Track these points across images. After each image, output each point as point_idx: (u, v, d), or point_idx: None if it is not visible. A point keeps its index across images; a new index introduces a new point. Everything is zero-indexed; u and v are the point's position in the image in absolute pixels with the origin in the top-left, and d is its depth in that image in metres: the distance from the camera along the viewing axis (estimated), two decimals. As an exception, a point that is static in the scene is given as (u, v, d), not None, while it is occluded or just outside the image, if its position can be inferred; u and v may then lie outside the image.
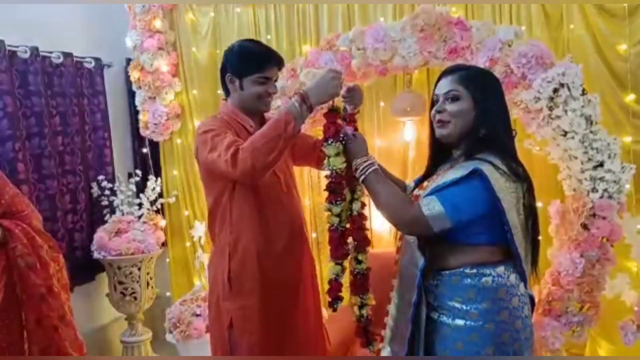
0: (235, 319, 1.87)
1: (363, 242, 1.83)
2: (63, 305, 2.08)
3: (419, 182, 1.83)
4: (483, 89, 1.64)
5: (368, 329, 1.87)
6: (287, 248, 1.96)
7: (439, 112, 1.66)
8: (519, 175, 1.58)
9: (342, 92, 1.82)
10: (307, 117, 1.82)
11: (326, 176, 1.79)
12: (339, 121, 1.80)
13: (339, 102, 1.84)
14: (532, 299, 1.67)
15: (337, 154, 1.75)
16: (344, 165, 1.76)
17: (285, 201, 1.98)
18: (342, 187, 1.78)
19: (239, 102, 1.98)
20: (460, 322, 1.57)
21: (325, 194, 1.80)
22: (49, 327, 2.00)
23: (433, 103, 1.70)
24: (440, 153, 1.76)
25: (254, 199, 1.87)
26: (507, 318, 1.56)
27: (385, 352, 1.77)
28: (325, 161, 1.76)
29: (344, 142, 1.76)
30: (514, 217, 1.56)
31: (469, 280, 1.57)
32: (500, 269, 1.58)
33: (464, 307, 1.57)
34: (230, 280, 1.87)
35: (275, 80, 1.99)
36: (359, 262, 1.85)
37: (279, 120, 1.74)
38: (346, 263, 1.83)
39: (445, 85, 1.66)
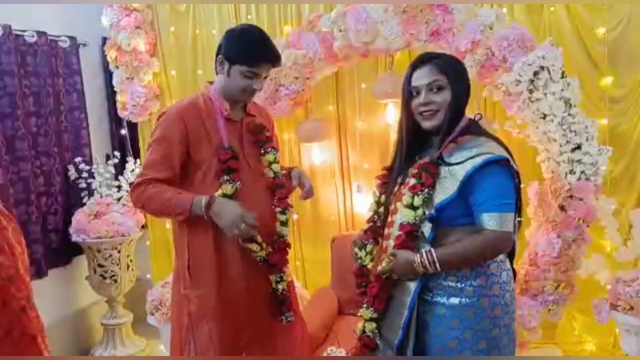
0: (193, 306, 1.95)
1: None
2: (28, 287, 2.06)
3: (388, 180, 1.82)
4: (460, 77, 1.69)
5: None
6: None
7: (426, 103, 1.66)
8: (511, 154, 1.65)
9: None
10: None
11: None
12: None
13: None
14: (514, 273, 1.74)
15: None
16: None
17: (248, 192, 1.94)
18: None
19: (222, 87, 1.96)
20: (455, 300, 1.62)
21: None
22: (17, 309, 1.97)
23: (411, 94, 1.70)
24: (415, 143, 1.76)
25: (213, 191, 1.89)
26: (498, 292, 1.63)
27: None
28: None
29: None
30: None
31: None
32: None
33: (459, 285, 1.62)
34: (190, 269, 1.94)
35: (266, 78, 1.95)
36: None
37: (179, 206, 1.83)
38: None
39: (426, 76, 1.66)
